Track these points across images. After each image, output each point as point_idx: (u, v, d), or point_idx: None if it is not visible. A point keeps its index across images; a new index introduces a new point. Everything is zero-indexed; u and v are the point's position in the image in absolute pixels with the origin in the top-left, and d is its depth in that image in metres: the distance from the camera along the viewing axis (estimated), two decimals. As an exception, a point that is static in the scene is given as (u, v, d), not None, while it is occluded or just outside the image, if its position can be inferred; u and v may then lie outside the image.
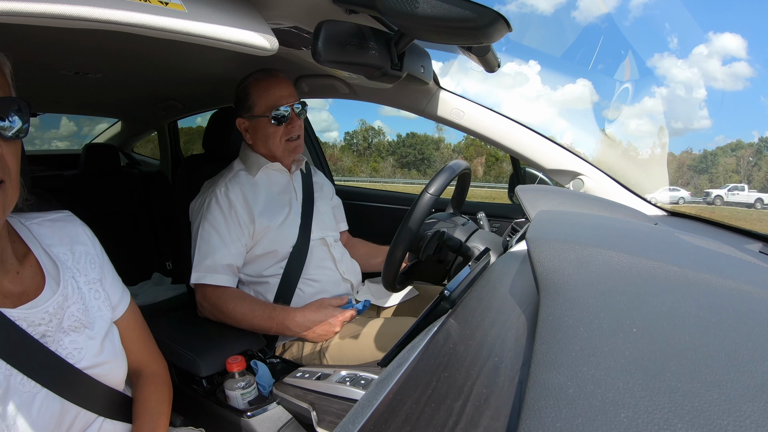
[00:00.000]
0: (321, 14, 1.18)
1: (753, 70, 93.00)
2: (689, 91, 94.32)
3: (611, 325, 0.39)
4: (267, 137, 1.62)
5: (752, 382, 0.30)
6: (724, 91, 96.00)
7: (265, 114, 1.59)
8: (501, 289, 0.73)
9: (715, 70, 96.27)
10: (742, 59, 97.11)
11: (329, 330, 1.48)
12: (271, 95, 1.60)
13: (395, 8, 0.91)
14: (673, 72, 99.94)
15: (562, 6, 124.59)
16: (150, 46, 1.51)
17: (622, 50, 2.49)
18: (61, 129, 6.21)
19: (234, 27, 0.86)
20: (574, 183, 1.66)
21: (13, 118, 0.76)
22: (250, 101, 1.61)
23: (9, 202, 0.77)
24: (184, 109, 2.86)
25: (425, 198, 1.20)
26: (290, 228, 1.63)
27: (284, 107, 1.59)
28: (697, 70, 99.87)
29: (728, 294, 0.43)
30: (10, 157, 0.76)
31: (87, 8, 0.69)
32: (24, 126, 0.77)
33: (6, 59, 0.80)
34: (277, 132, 1.61)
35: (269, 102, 1.59)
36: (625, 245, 0.57)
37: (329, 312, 1.48)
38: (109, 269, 1.02)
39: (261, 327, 1.47)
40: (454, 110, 1.74)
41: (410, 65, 1.24)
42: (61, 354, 0.84)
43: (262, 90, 1.60)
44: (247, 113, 1.63)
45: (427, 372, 0.51)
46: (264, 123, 1.61)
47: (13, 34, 0.67)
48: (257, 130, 1.63)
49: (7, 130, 0.75)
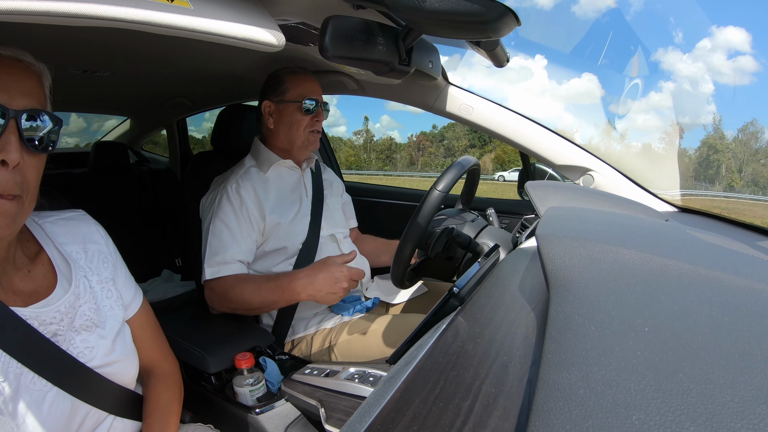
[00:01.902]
0: (328, 10, 1.17)
1: (758, 64, 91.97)
2: (696, 85, 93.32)
3: (622, 324, 0.38)
4: (292, 124, 1.63)
5: (766, 384, 0.30)
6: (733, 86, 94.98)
7: (296, 100, 1.62)
8: (510, 287, 0.72)
9: (721, 65, 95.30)
10: (746, 53, 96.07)
11: (336, 286, 1.41)
12: (305, 86, 1.63)
13: (403, 3, 0.90)
14: (678, 66, 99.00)
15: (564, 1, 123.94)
16: (158, 44, 1.51)
17: (630, 45, 2.47)
18: (71, 125, 6.26)
19: (240, 23, 0.86)
20: (584, 179, 1.65)
21: (43, 130, 0.76)
22: (284, 86, 1.63)
23: (23, 215, 0.77)
24: (192, 107, 2.87)
25: (434, 194, 1.19)
26: (300, 225, 1.63)
27: (312, 100, 1.63)
28: (702, 64, 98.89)
29: (741, 292, 0.42)
30: (32, 170, 0.76)
31: (93, 6, 0.69)
32: (53, 138, 0.77)
33: (47, 71, 0.80)
34: (303, 121, 1.63)
35: (302, 91, 1.62)
36: (636, 242, 0.56)
37: (334, 268, 1.42)
38: (122, 268, 1.02)
39: (270, 300, 1.45)
40: (463, 106, 1.73)
41: (418, 60, 1.23)
42: (72, 353, 0.84)
43: (297, 80, 1.64)
44: (277, 97, 1.64)
45: (435, 370, 0.50)
46: (292, 109, 1.62)
47: (18, 32, 0.66)
48: (283, 115, 1.64)
49: (34, 142, 0.75)
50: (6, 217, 0.73)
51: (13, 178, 0.72)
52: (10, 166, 0.71)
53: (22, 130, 0.72)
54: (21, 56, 0.76)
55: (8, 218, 0.73)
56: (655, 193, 1.58)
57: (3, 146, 0.71)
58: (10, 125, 0.71)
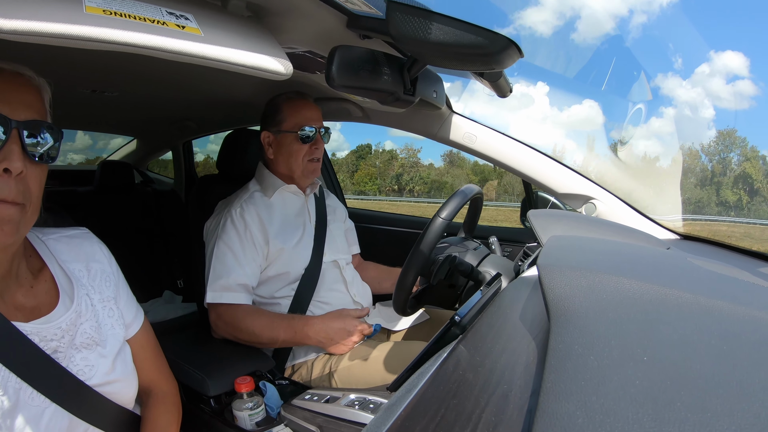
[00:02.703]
0: (335, 39, 1.20)
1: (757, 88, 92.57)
2: (696, 110, 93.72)
3: (621, 354, 0.38)
4: (290, 154, 1.64)
5: (763, 411, 0.30)
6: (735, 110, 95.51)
7: (293, 130, 1.62)
8: (512, 316, 0.72)
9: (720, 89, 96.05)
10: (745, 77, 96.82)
11: (348, 338, 1.48)
12: (302, 114, 1.64)
13: (408, 35, 0.93)
14: (678, 92, 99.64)
15: (561, 28, 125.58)
16: (167, 67, 1.53)
17: (633, 71, 2.49)
18: (77, 142, 6.35)
19: (250, 51, 0.88)
20: (586, 207, 1.65)
21: (44, 141, 0.77)
22: (280, 116, 1.64)
23: (27, 224, 0.78)
24: (198, 130, 2.90)
25: (437, 222, 1.20)
26: (303, 250, 1.64)
27: (311, 128, 1.63)
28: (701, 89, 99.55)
29: (740, 321, 0.43)
30: (34, 180, 0.78)
31: (107, 30, 0.71)
32: (53, 152, 0.79)
33: (47, 85, 0.82)
34: (301, 150, 1.64)
35: (299, 120, 1.63)
36: (636, 271, 0.57)
37: (348, 320, 1.49)
38: (124, 288, 1.03)
39: (281, 339, 1.47)
40: (466, 134, 1.75)
41: (423, 90, 1.25)
42: (72, 370, 0.84)
43: (293, 108, 1.64)
44: (275, 127, 1.65)
45: (436, 398, 0.50)
46: (290, 139, 1.63)
47: (31, 50, 0.69)
48: (282, 145, 1.65)
49: (36, 151, 0.77)
50: (10, 223, 0.74)
51: (17, 187, 0.74)
52: (13, 174, 0.73)
53: (25, 141, 0.75)
54: (21, 70, 0.78)
55: (12, 225, 0.74)
56: (658, 221, 1.58)
57: (6, 156, 0.73)
58: (13, 135, 0.73)
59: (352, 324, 1.49)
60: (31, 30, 0.65)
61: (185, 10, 0.87)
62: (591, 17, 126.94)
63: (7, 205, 0.73)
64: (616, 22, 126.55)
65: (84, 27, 0.69)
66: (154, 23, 0.79)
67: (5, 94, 0.74)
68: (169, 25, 0.81)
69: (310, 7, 1.09)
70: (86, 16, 0.72)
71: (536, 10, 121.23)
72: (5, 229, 0.74)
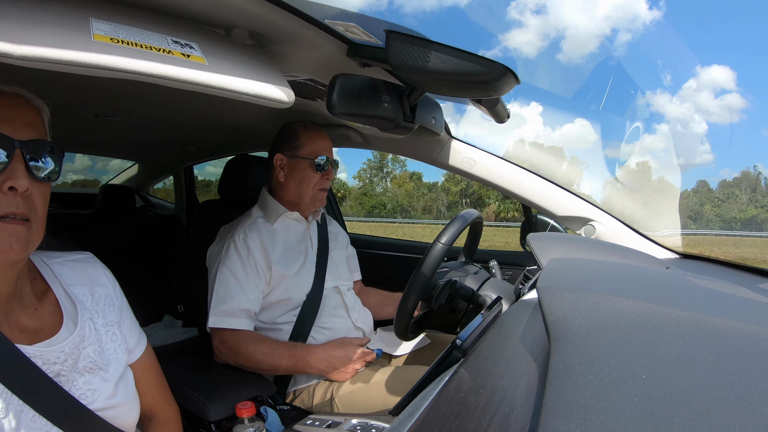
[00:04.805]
0: (336, 67, 1.23)
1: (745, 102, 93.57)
2: (688, 126, 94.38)
3: (621, 372, 0.39)
4: (302, 180, 1.66)
5: (761, 425, 0.30)
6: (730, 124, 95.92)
7: (309, 157, 1.65)
8: (512, 338, 0.73)
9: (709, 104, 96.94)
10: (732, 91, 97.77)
11: (350, 366, 1.49)
12: (318, 144, 1.66)
13: (407, 63, 0.95)
14: (668, 108, 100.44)
15: (545, 50, 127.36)
16: (170, 93, 1.55)
17: (629, 89, 2.51)
18: (76, 162, 6.46)
19: (253, 80, 0.90)
20: (585, 229, 1.66)
21: (47, 160, 0.79)
22: (298, 142, 1.66)
23: (33, 240, 0.79)
24: (200, 155, 2.92)
25: (437, 247, 1.21)
26: (305, 276, 1.65)
27: (324, 157, 1.66)
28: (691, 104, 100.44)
29: (738, 336, 0.43)
30: (39, 197, 0.79)
31: (114, 58, 0.73)
32: (56, 169, 0.81)
33: (46, 107, 0.85)
34: (314, 178, 1.66)
35: (315, 149, 1.65)
36: (635, 291, 0.58)
37: (350, 348, 1.51)
38: (128, 313, 1.03)
39: (282, 366, 1.47)
40: (465, 159, 1.77)
41: (422, 117, 1.27)
42: (75, 394, 0.84)
43: (311, 136, 1.67)
44: (291, 151, 1.66)
45: (438, 421, 0.51)
46: (305, 165, 1.65)
47: (33, 73, 0.70)
48: (295, 170, 1.67)
49: (39, 171, 0.78)
50: (18, 240, 0.75)
51: (24, 203, 0.76)
52: (19, 192, 0.74)
53: (28, 160, 0.76)
54: (20, 92, 0.80)
55: (20, 242, 0.76)
56: (657, 241, 1.59)
57: (11, 174, 0.74)
58: (17, 155, 0.75)
59: (354, 351, 1.50)
60: (40, 56, 0.67)
61: (190, 38, 0.89)
62: (575, 37, 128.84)
63: (15, 223, 0.74)
64: (600, 41, 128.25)
65: (92, 54, 0.72)
66: (160, 52, 0.81)
67: (7, 114, 0.76)
68: (174, 53, 0.83)
69: (312, 36, 1.12)
70: (94, 43, 0.74)
71: (521, 32, 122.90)
72: (14, 246, 0.75)
